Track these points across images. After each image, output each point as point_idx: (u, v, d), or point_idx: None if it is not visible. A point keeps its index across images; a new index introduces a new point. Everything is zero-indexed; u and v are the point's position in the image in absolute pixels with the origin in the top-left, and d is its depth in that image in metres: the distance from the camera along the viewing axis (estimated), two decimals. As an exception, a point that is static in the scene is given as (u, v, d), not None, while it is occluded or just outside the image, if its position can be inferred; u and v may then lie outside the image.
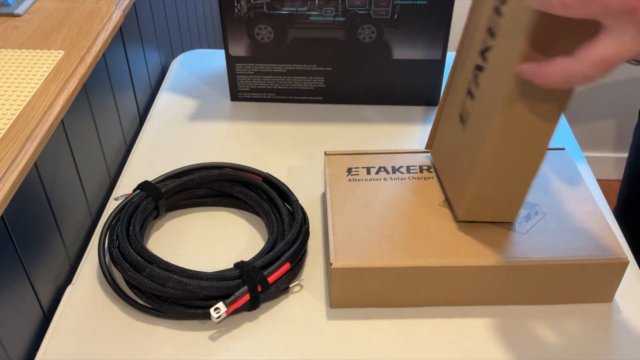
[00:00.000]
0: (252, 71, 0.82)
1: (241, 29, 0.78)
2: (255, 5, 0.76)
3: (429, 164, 0.65)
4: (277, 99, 0.85)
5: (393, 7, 0.75)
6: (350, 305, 0.58)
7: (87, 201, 0.69)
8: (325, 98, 0.84)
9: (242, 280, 0.56)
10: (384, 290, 0.57)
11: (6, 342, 0.53)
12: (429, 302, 0.58)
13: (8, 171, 0.50)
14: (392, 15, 0.76)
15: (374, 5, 0.75)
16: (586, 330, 0.56)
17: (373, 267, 0.55)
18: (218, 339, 0.56)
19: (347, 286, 0.57)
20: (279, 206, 0.64)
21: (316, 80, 0.82)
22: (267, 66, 0.81)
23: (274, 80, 0.83)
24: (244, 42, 0.79)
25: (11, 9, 0.73)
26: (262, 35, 0.78)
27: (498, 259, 0.55)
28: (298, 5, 0.75)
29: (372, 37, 0.77)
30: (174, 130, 0.81)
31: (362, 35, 0.77)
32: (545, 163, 0.65)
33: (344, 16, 0.76)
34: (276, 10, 0.76)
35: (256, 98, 0.85)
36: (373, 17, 0.76)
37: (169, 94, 0.89)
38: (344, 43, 0.79)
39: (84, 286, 0.61)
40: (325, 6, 0.75)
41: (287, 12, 0.76)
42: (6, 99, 0.58)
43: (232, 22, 0.78)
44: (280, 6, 0.75)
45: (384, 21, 0.76)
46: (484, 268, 0.55)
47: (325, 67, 0.81)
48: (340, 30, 0.77)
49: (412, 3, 0.74)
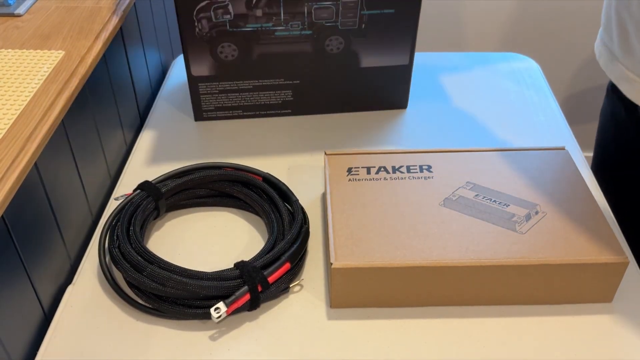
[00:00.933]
0: (216, 90, 0.79)
1: (203, 48, 0.75)
2: (217, 24, 0.73)
3: (429, 164, 0.66)
4: (244, 115, 0.82)
5: (360, 18, 0.73)
6: (351, 305, 0.58)
7: (87, 201, 0.69)
8: (294, 111, 0.82)
9: (243, 280, 0.56)
10: (384, 290, 0.57)
11: (6, 342, 0.53)
12: (429, 302, 0.58)
13: (8, 171, 0.50)
14: (359, 25, 0.74)
15: (341, 17, 0.73)
16: (586, 330, 0.56)
17: (373, 266, 0.55)
18: (218, 338, 0.56)
19: (347, 286, 0.57)
20: (279, 206, 0.64)
21: (284, 94, 0.80)
22: (232, 84, 0.79)
23: (240, 97, 0.80)
24: (207, 61, 0.76)
25: (12, 9, 0.73)
26: (226, 54, 0.76)
27: (498, 259, 0.55)
28: (262, 21, 0.73)
29: (339, 47, 0.76)
30: (174, 130, 0.81)
31: (330, 47, 0.76)
32: (545, 163, 0.65)
33: (310, 29, 0.74)
34: (240, 28, 0.73)
35: (222, 116, 0.82)
36: (340, 28, 0.74)
37: (169, 94, 0.89)
38: (311, 55, 0.77)
39: (84, 286, 0.61)
40: (291, 21, 0.73)
41: (252, 29, 0.73)
42: (7, 99, 0.58)
43: (194, 42, 0.74)
44: (244, 23, 0.73)
45: (351, 32, 0.75)
46: (484, 268, 0.55)
47: (293, 80, 0.79)
48: (307, 43, 0.75)
49: (380, 12, 0.73)
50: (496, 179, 0.64)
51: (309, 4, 0.72)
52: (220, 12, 0.72)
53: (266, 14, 0.72)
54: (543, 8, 1.45)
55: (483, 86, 0.89)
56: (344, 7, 0.72)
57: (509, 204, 0.60)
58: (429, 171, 0.65)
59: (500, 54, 0.97)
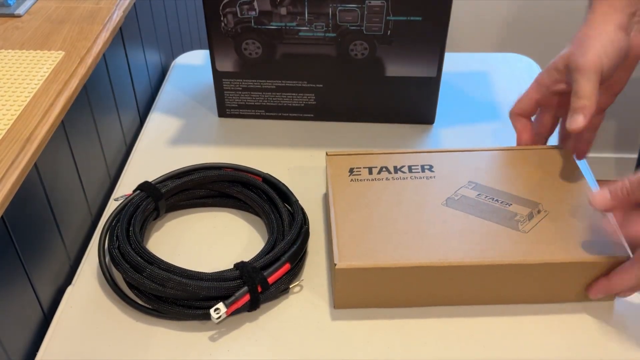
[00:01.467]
0: (240, 87, 0.79)
1: (228, 43, 0.75)
2: (242, 20, 0.73)
3: (431, 164, 0.65)
4: (267, 115, 0.82)
5: (386, 23, 0.72)
6: (354, 305, 0.58)
7: (87, 201, 0.69)
8: (316, 115, 0.81)
9: (242, 280, 0.56)
10: (388, 290, 0.57)
11: (6, 343, 0.53)
12: (432, 301, 0.58)
13: (8, 171, 0.50)
14: (385, 31, 0.73)
15: (366, 21, 0.72)
16: (586, 330, 0.56)
17: (377, 267, 0.55)
18: (218, 339, 0.56)
19: (351, 286, 0.57)
20: (278, 207, 0.64)
21: (307, 97, 0.80)
22: (256, 82, 0.78)
23: (263, 97, 0.80)
24: (232, 57, 0.76)
25: (12, 10, 0.73)
26: (250, 51, 0.76)
27: (501, 258, 0.55)
28: (287, 20, 0.72)
29: (364, 53, 0.75)
30: (174, 130, 0.81)
31: (354, 52, 0.75)
32: (546, 161, 0.65)
33: (334, 32, 0.73)
34: (264, 25, 0.73)
35: (244, 115, 0.82)
36: (365, 33, 0.73)
37: (169, 95, 0.89)
38: (335, 59, 0.76)
39: (84, 287, 0.61)
40: (315, 22, 0.72)
41: (276, 28, 0.73)
42: (7, 100, 0.58)
43: (219, 37, 0.75)
44: (269, 21, 0.73)
45: (376, 37, 0.73)
46: (487, 267, 0.55)
47: (316, 83, 0.78)
48: (331, 46, 0.74)
49: (406, 19, 0.72)
50: (498, 178, 0.64)
51: (333, 5, 0.71)
52: (246, 8, 0.72)
53: (290, 12, 0.72)
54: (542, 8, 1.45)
55: (483, 87, 0.89)
56: (369, 11, 0.71)
57: (511, 203, 0.60)
58: (431, 171, 0.65)
59: (500, 55, 0.97)
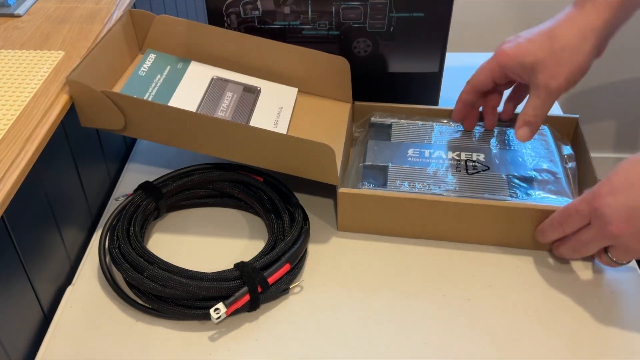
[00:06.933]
0: None
1: None
2: (246, 20, 0.73)
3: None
4: None
5: (389, 20, 0.72)
6: (355, 229, 0.65)
7: (87, 201, 0.69)
8: None
9: (242, 281, 0.56)
10: (385, 218, 0.64)
11: (6, 342, 0.53)
12: (426, 234, 0.65)
13: (8, 172, 0.50)
14: (387, 28, 0.73)
15: (369, 18, 0.72)
16: (586, 330, 0.56)
17: (375, 195, 0.62)
18: (218, 339, 0.56)
19: (352, 211, 0.64)
20: (279, 207, 0.64)
21: None
22: None
23: None
24: None
25: (12, 10, 0.73)
26: None
27: (496, 201, 0.62)
28: (290, 19, 0.73)
29: (367, 50, 0.75)
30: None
31: (357, 49, 0.75)
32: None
33: (338, 30, 0.73)
34: (268, 25, 0.73)
35: None
36: (368, 30, 0.73)
37: (169, 94, 0.88)
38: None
39: (84, 286, 0.61)
40: (318, 20, 0.72)
41: (279, 27, 0.73)
42: (6, 100, 0.58)
43: None
44: (272, 20, 0.73)
45: (379, 34, 0.74)
46: (477, 206, 0.61)
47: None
48: (334, 44, 0.75)
49: (409, 15, 0.72)
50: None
51: (336, 3, 0.71)
52: (249, 8, 0.72)
53: (294, 11, 0.72)
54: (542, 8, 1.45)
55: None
56: (372, 8, 0.71)
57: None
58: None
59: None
